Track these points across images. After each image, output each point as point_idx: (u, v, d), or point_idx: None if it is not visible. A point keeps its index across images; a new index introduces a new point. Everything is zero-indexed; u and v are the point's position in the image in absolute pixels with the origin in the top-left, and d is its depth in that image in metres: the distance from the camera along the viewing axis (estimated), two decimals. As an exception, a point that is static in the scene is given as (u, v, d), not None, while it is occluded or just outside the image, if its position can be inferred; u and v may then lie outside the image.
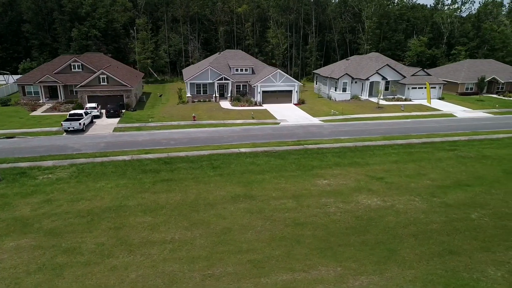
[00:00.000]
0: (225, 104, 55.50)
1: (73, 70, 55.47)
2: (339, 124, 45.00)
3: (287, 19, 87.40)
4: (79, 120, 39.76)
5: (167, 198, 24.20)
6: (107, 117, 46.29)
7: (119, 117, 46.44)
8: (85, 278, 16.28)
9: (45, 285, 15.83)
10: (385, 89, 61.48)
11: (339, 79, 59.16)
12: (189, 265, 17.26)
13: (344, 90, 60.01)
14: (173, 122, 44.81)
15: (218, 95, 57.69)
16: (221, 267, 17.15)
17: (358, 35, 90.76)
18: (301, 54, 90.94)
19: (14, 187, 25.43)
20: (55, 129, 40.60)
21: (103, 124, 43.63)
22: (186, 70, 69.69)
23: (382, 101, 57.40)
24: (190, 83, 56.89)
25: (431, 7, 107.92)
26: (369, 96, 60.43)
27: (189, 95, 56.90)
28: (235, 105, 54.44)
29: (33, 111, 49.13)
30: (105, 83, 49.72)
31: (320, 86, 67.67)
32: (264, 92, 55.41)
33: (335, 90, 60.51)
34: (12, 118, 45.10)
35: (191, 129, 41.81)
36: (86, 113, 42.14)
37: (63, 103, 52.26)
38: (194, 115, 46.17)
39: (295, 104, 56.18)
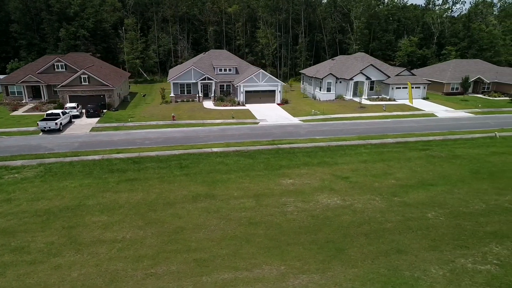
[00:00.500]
0: (208, 104, 55.57)
1: (57, 70, 55.57)
2: (318, 124, 45.05)
3: (276, 19, 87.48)
4: (56, 120, 39.83)
5: (128, 197, 24.27)
6: (87, 117, 46.38)
7: (99, 117, 46.52)
8: (27, 277, 16.35)
9: (-14, 283, 15.92)
10: (370, 89, 61.57)
11: (323, 79, 59.21)
12: (133, 264, 17.33)
13: (328, 90, 60.06)
14: (152, 122, 44.90)
15: (202, 95, 57.78)
16: (165, 266, 17.22)
17: (347, 35, 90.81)
18: (291, 54, 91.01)
19: (-23, 187, 25.51)
20: (33, 128, 40.70)
21: (82, 124, 43.72)
22: (172, 70, 69.79)
23: (365, 101, 57.46)
24: (173, 83, 56.97)
25: (422, 7, 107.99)
26: (354, 96, 60.43)
27: (172, 95, 56.98)
28: (218, 105, 54.51)
29: (14, 111, 49.25)
30: (87, 83, 49.82)
31: (306, 86, 67.76)
32: (247, 92, 55.47)
33: (320, 90, 60.54)
34: (-9, 118, 45.26)
35: (168, 129, 41.89)
36: (64, 113, 42.21)
37: (46, 103, 52.38)
38: (173, 115, 46.27)
39: (278, 104, 56.24)
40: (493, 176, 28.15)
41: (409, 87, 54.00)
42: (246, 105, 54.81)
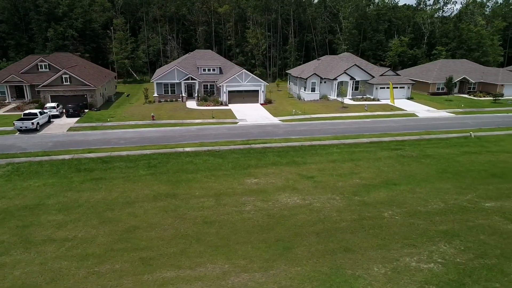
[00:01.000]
0: (192, 104, 55.67)
1: (40, 70, 55.75)
2: (297, 123, 45.13)
3: (266, 19, 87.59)
4: (32, 119, 39.94)
5: (89, 197, 24.36)
6: (67, 116, 46.52)
7: (79, 117, 46.64)
8: (-31, 275, 16.45)
9: None
10: (354, 89, 61.69)
11: (307, 79, 59.31)
12: (78, 263, 17.41)
13: (313, 90, 60.15)
14: (131, 121, 45.00)
15: (186, 95, 57.90)
16: (110, 265, 17.30)
17: (336, 36, 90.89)
18: (281, 54, 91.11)
19: None
20: (10, 128, 40.82)
21: (60, 123, 43.84)
22: (159, 70, 69.92)
23: (349, 101, 57.56)
24: (157, 83, 57.11)
25: (413, 7, 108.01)
26: (338, 96, 60.47)
27: (156, 95, 57.11)
28: (201, 105, 54.62)
29: (-4, 111, 49.44)
30: (68, 83, 49.96)
31: (291, 86, 67.85)
32: (230, 92, 55.57)
33: (304, 90, 60.64)
34: (-29, 117, 45.38)
35: (146, 129, 41.99)
36: (41, 112, 42.32)
37: (28, 103, 52.57)
38: (153, 114, 46.38)
39: (262, 104, 56.33)
40: (458, 175, 28.20)
41: (390, 87, 54.06)
42: (229, 105, 54.92)
